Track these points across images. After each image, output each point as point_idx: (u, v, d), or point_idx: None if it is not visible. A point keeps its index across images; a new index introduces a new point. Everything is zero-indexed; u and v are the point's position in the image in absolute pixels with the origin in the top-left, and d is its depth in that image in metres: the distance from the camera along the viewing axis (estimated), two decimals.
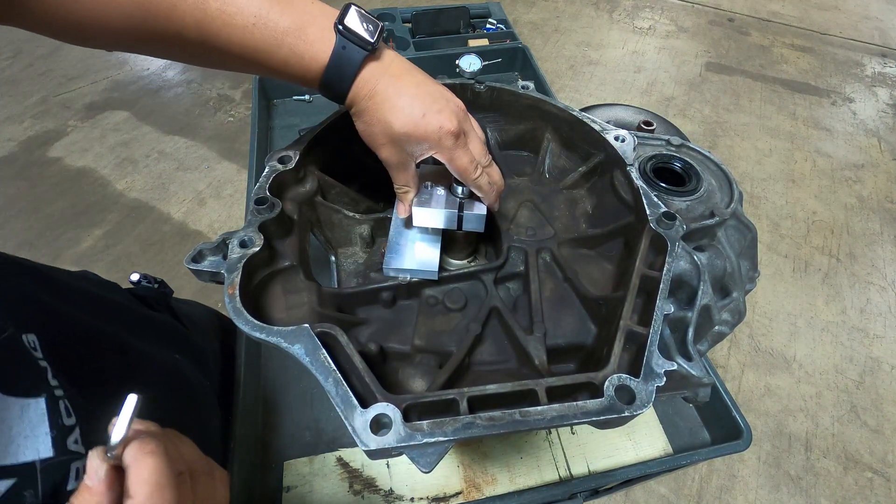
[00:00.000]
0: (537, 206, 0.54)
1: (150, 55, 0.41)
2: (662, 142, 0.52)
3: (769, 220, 2.04)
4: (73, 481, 0.33)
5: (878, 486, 1.41)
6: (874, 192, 2.16)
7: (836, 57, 2.85)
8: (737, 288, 0.46)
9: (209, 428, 0.57)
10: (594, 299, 0.46)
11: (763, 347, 1.69)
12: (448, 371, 0.41)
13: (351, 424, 0.31)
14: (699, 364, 0.40)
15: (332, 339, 0.36)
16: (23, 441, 0.31)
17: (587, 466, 0.61)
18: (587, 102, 2.50)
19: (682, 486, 1.42)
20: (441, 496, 0.59)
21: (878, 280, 1.86)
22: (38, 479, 0.31)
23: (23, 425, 0.31)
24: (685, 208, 0.47)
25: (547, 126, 0.57)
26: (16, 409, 0.31)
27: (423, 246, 0.49)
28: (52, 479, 0.32)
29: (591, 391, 0.36)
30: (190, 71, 2.65)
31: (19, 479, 0.30)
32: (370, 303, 0.48)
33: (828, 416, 1.54)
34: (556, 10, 3.14)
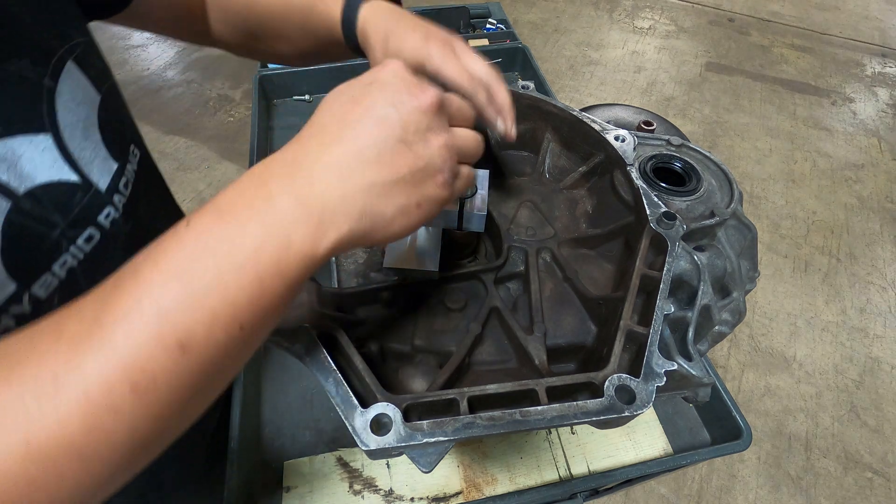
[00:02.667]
0: (537, 206, 0.54)
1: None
2: (662, 142, 0.52)
3: (769, 220, 2.04)
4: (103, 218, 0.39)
5: (878, 486, 1.41)
6: (874, 192, 2.16)
7: (836, 57, 2.85)
8: (737, 288, 0.46)
9: None
10: (594, 299, 0.46)
11: (763, 347, 1.69)
12: (448, 371, 0.41)
13: (351, 424, 0.31)
14: (699, 364, 0.40)
15: (332, 340, 0.36)
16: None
17: (587, 466, 0.61)
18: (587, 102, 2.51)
19: (682, 486, 1.42)
20: (441, 496, 0.59)
21: (878, 280, 1.86)
22: (99, 194, 0.38)
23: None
24: (685, 208, 0.47)
25: (547, 126, 0.57)
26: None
27: (423, 246, 0.49)
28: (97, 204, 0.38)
29: (591, 391, 0.36)
30: (190, 71, 2.65)
31: (83, 182, 0.36)
32: (370, 303, 0.48)
33: (828, 416, 1.54)
34: (556, 10, 3.14)
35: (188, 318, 0.22)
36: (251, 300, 0.24)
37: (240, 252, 0.24)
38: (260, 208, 0.25)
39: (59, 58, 0.35)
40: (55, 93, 0.34)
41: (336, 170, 0.27)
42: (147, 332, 0.22)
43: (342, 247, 0.27)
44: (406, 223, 0.29)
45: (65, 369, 0.21)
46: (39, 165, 0.33)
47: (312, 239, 0.25)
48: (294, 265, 0.25)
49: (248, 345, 0.25)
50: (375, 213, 0.28)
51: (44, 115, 0.33)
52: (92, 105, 0.38)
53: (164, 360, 0.22)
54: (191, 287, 0.23)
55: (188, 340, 0.22)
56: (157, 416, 0.22)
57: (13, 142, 0.31)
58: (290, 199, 0.25)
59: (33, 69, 0.33)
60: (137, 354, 0.21)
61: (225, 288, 0.23)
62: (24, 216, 0.32)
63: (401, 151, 0.28)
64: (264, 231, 0.24)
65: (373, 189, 0.27)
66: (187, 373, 0.23)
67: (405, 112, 0.29)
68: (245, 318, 0.24)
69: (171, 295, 0.22)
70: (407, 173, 0.28)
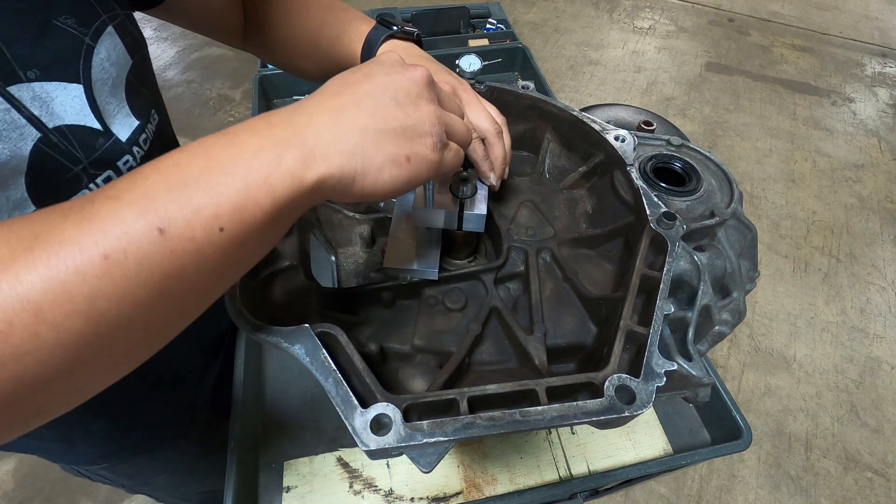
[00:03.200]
0: (537, 206, 0.54)
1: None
2: (662, 142, 0.52)
3: (769, 220, 2.04)
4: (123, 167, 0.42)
5: (878, 486, 1.41)
6: (874, 192, 2.16)
7: (836, 57, 2.85)
8: (737, 288, 0.46)
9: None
10: (594, 299, 0.46)
11: (763, 347, 1.69)
12: (448, 371, 0.41)
13: (351, 424, 0.31)
14: (699, 364, 0.40)
15: (332, 339, 0.36)
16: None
17: (587, 466, 0.61)
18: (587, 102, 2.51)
19: (682, 486, 1.42)
20: (441, 496, 0.59)
21: (878, 280, 1.86)
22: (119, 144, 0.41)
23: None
24: (685, 208, 0.47)
25: (547, 126, 0.57)
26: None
27: (423, 246, 0.49)
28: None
29: (591, 391, 0.36)
30: (190, 71, 2.65)
31: (105, 130, 0.40)
32: (370, 303, 0.48)
33: (828, 416, 1.54)
34: (556, 10, 3.14)
35: (170, 204, 0.23)
36: (235, 205, 0.24)
37: (231, 158, 0.25)
38: (260, 131, 0.27)
39: (101, 22, 0.39)
40: (93, 51, 0.38)
41: (333, 113, 0.29)
42: (130, 210, 0.22)
43: (332, 182, 0.28)
44: (396, 174, 0.30)
45: (45, 229, 0.21)
46: (69, 109, 0.37)
47: (303, 162, 0.27)
48: (282, 183, 0.26)
49: (227, 257, 0.25)
50: (366, 154, 0.29)
51: (80, 68, 0.37)
52: (123, 67, 0.42)
53: (140, 239, 0.22)
54: (178, 177, 0.24)
55: (167, 225, 0.23)
56: (122, 296, 0.22)
57: (49, 86, 0.35)
58: (287, 128, 0.28)
59: (78, 27, 0.37)
60: (115, 226, 0.22)
61: (211, 184, 0.24)
62: (52, 147, 0.36)
63: (393, 108, 0.31)
64: (258, 144, 0.26)
65: (365, 133, 0.29)
66: (159, 258, 0.22)
67: (398, 79, 0.32)
68: (227, 222, 0.24)
69: (161, 183, 0.24)
70: (398, 126, 0.31)
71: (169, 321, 0.25)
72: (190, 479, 0.77)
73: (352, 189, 0.29)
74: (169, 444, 0.69)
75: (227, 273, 0.27)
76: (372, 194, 0.31)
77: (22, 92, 0.34)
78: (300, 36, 0.56)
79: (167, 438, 0.68)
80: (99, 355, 0.23)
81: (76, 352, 0.21)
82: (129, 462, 0.65)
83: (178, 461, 0.73)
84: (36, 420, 0.24)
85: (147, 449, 0.65)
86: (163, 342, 0.26)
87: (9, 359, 0.20)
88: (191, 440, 0.71)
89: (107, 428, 0.58)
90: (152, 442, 0.66)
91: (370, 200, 0.31)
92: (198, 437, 0.72)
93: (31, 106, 0.34)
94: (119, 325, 0.22)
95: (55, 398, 0.23)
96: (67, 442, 0.56)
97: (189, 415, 0.70)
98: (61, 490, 1.37)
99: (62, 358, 0.21)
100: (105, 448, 0.61)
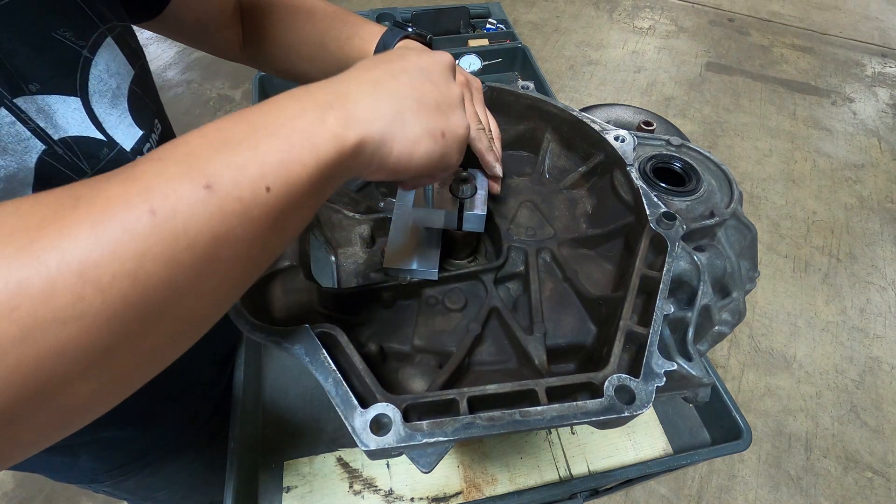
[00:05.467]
0: (537, 206, 0.54)
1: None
2: (662, 142, 0.52)
3: (769, 220, 2.04)
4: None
5: (878, 486, 1.41)
6: (874, 192, 2.16)
7: (836, 57, 2.85)
8: (737, 288, 0.46)
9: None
10: (594, 299, 0.46)
11: (763, 347, 1.69)
12: (448, 371, 0.41)
13: (351, 424, 0.31)
14: (699, 364, 0.40)
15: (332, 340, 0.36)
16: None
17: (587, 466, 0.61)
18: (587, 102, 2.51)
19: (682, 486, 1.42)
20: (441, 496, 0.59)
21: (878, 280, 1.86)
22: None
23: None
24: (685, 208, 0.47)
25: (547, 126, 0.57)
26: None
27: (423, 246, 0.49)
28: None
29: (590, 391, 0.36)
30: (190, 71, 2.65)
31: (108, 141, 0.40)
32: (370, 303, 0.48)
33: (828, 416, 1.54)
34: (556, 10, 3.14)
35: (217, 163, 0.23)
36: (280, 163, 0.24)
37: (275, 119, 0.25)
38: (299, 97, 0.27)
39: (99, 34, 0.39)
40: (91, 63, 0.38)
41: (371, 84, 0.30)
42: (176, 167, 0.22)
43: (371, 148, 0.28)
44: (431, 148, 0.31)
45: (88, 192, 0.20)
46: (71, 121, 0.37)
47: (345, 123, 0.27)
48: (325, 142, 0.26)
49: (273, 220, 0.24)
50: (405, 122, 0.30)
51: (76, 81, 0.37)
52: (124, 78, 0.42)
53: (188, 195, 0.21)
54: (222, 139, 0.24)
55: (214, 182, 0.22)
56: (170, 258, 0.20)
57: (49, 98, 0.35)
58: (328, 93, 0.28)
59: (76, 40, 0.37)
60: (162, 183, 0.21)
61: (255, 144, 0.24)
62: (57, 159, 0.36)
63: (429, 84, 0.32)
64: (300, 107, 0.26)
65: (404, 102, 0.30)
66: (207, 217, 0.21)
67: (429, 60, 0.34)
68: (272, 182, 0.24)
69: (205, 145, 0.23)
70: (433, 101, 0.32)
71: (215, 295, 0.24)
72: (192, 494, 0.77)
73: (388, 159, 0.30)
74: (172, 458, 0.68)
75: (272, 241, 0.26)
76: (406, 168, 0.31)
77: (28, 104, 0.34)
78: (306, 42, 0.56)
79: (171, 452, 0.67)
80: (145, 330, 0.21)
81: (122, 321, 0.20)
82: (132, 478, 0.64)
83: (181, 476, 0.73)
84: (67, 422, 0.22)
85: (150, 463, 0.65)
86: (205, 325, 0.25)
87: (52, 324, 0.18)
88: (193, 454, 0.71)
89: (112, 439, 0.58)
90: (156, 454, 0.65)
91: (401, 176, 0.31)
92: (201, 451, 0.72)
93: (37, 118, 0.34)
94: (167, 293, 0.21)
95: (93, 387, 0.21)
96: (72, 455, 0.55)
97: (192, 428, 0.69)
98: (61, 490, 1.37)
99: (108, 328, 0.19)
100: (109, 462, 0.60)
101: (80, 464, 0.57)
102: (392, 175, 0.31)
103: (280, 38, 0.57)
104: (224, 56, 0.60)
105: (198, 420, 0.70)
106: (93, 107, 0.38)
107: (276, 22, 0.56)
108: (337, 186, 0.29)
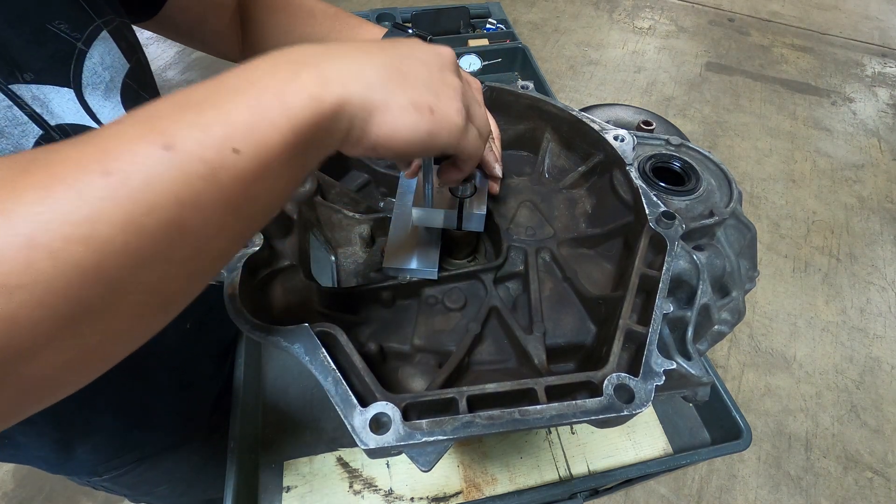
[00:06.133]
0: (537, 205, 0.54)
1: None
2: (662, 141, 0.52)
3: (769, 220, 2.04)
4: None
5: (878, 486, 1.41)
6: (874, 192, 2.16)
7: (836, 57, 2.85)
8: (736, 287, 0.46)
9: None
10: (593, 299, 0.46)
11: (763, 347, 1.69)
12: (447, 370, 0.41)
13: (350, 423, 0.31)
14: (698, 363, 0.40)
15: (332, 339, 0.36)
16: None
17: (587, 466, 0.61)
18: (587, 102, 2.50)
19: (682, 486, 1.42)
20: (441, 496, 0.59)
21: (878, 280, 1.86)
22: None
23: None
24: (684, 208, 0.47)
25: (546, 126, 0.57)
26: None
27: (422, 246, 0.49)
28: None
29: (590, 390, 0.36)
30: (190, 71, 2.65)
31: None
32: (370, 302, 0.48)
33: (828, 416, 1.54)
34: (556, 10, 3.14)
35: (177, 122, 0.21)
36: (248, 124, 0.22)
37: (243, 80, 0.24)
38: (273, 57, 0.25)
39: (95, 26, 0.39)
40: (85, 55, 0.38)
41: (358, 51, 0.28)
42: (134, 128, 0.21)
43: (351, 111, 0.26)
44: (416, 121, 0.28)
45: (43, 155, 0.20)
46: (66, 111, 0.37)
47: (320, 82, 0.25)
48: (298, 101, 0.24)
49: (245, 187, 0.23)
50: (388, 90, 0.27)
51: (70, 73, 0.37)
52: (118, 72, 0.42)
53: (145, 156, 0.20)
54: (187, 98, 0.22)
55: (175, 142, 0.20)
56: (127, 221, 0.19)
57: (45, 88, 0.36)
58: (304, 54, 0.26)
59: (71, 32, 0.37)
60: (118, 144, 0.20)
61: (220, 103, 0.22)
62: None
63: (422, 68, 0.30)
64: (272, 66, 0.25)
65: (389, 69, 0.28)
66: (169, 180, 0.20)
67: (429, 50, 0.32)
68: (241, 144, 0.22)
69: (168, 107, 0.22)
70: (423, 79, 0.30)
71: (187, 266, 0.22)
72: (192, 489, 0.78)
73: (370, 127, 0.27)
74: (171, 452, 0.68)
75: (246, 209, 0.24)
76: (387, 141, 0.28)
77: (22, 91, 0.34)
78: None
79: (169, 447, 0.68)
80: (110, 300, 0.20)
81: (80, 289, 0.19)
82: (131, 473, 0.64)
83: (180, 470, 0.73)
84: (39, 395, 0.21)
85: (149, 456, 0.65)
86: (181, 299, 0.24)
87: (0, 291, 0.17)
88: (192, 449, 0.71)
89: (108, 428, 0.58)
90: (154, 448, 0.65)
91: (384, 153, 0.29)
92: (200, 446, 0.72)
93: (33, 104, 0.35)
94: (128, 260, 0.20)
95: (60, 360, 0.20)
96: (66, 449, 0.55)
97: (192, 423, 0.70)
98: (61, 490, 1.37)
99: (64, 296, 0.18)
100: (107, 453, 0.60)
101: (77, 456, 0.57)
102: (373, 149, 0.28)
103: (280, 40, 0.57)
104: (223, 57, 0.60)
105: (196, 414, 0.70)
106: (86, 98, 0.39)
107: (275, 24, 0.56)
108: (319, 159, 0.27)
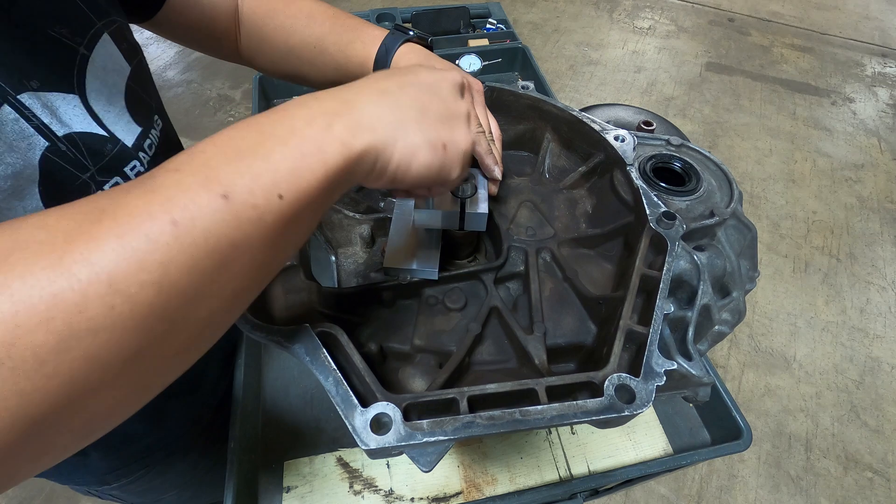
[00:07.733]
0: (537, 205, 0.54)
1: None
2: (662, 141, 0.52)
3: (769, 220, 2.04)
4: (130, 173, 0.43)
5: (878, 486, 1.41)
6: (874, 192, 2.16)
7: (836, 57, 2.85)
8: (737, 287, 0.46)
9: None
10: (594, 299, 0.46)
11: (763, 347, 1.69)
12: (448, 371, 0.41)
13: (351, 424, 0.31)
14: (699, 363, 0.40)
15: (332, 339, 0.36)
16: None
17: (587, 466, 0.61)
18: (587, 102, 2.51)
19: (682, 486, 1.42)
20: (441, 496, 0.59)
21: (878, 280, 1.86)
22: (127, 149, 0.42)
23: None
24: (685, 208, 0.47)
25: (547, 126, 0.57)
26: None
27: (423, 246, 0.49)
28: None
29: (590, 390, 0.36)
30: (190, 71, 2.65)
31: (111, 136, 0.41)
32: (370, 302, 0.48)
33: (828, 416, 1.54)
34: (556, 10, 3.14)
35: (231, 172, 0.23)
36: (292, 171, 0.25)
37: (285, 128, 0.26)
38: (308, 105, 0.28)
39: (96, 30, 0.39)
40: (88, 60, 0.39)
41: (379, 93, 0.31)
42: (193, 178, 0.23)
43: (374, 154, 0.29)
44: (431, 159, 0.32)
45: (110, 204, 0.21)
46: (74, 118, 0.37)
47: (351, 131, 0.28)
48: (333, 150, 0.27)
49: (286, 226, 0.25)
50: (407, 131, 0.31)
51: (73, 78, 0.38)
52: (121, 74, 0.42)
53: (206, 206, 0.22)
54: (235, 149, 0.25)
55: (230, 192, 0.23)
56: (192, 266, 0.21)
57: (51, 96, 0.36)
58: (336, 101, 0.29)
59: (72, 38, 0.37)
60: (180, 194, 0.22)
61: (268, 153, 0.25)
62: (60, 156, 0.36)
63: (436, 98, 0.34)
64: (309, 115, 0.27)
65: (408, 111, 0.31)
66: (225, 225, 0.22)
67: (439, 77, 0.36)
68: (285, 189, 0.25)
69: (219, 155, 0.24)
70: (437, 113, 0.33)
71: (232, 299, 0.25)
72: (199, 495, 0.78)
73: (388, 167, 0.30)
74: (177, 458, 0.68)
75: (284, 247, 0.27)
76: (404, 177, 0.31)
77: (32, 100, 0.34)
78: (305, 46, 0.56)
79: (176, 451, 0.67)
80: (169, 336, 0.22)
81: (148, 329, 0.21)
82: (140, 480, 0.64)
83: (188, 476, 0.73)
84: (95, 428, 0.23)
85: (156, 462, 0.65)
86: (222, 329, 0.26)
87: (85, 333, 0.19)
88: (198, 454, 0.71)
89: (122, 435, 0.57)
90: (161, 453, 0.65)
91: (400, 185, 0.32)
92: (205, 451, 0.72)
93: (42, 114, 0.35)
94: (189, 299, 0.22)
95: (124, 393, 0.22)
96: (83, 454, 0.55)
97: (197, 427, 0.70)
98: (61, 490, 1.37)
99: (136, 335, 0.20)
100: (117, 460, 0.60)
101: (90, 463, 0.57)
102: (390, 183, 0.32)
103: (279, 42, 0.57)
104: (223, 58, 0.60)
105: (202, 418, 0.70)
106: (91, 104, 0.39)
107: (275, 26, 0.56)
108: (342, 193, 0.30)
